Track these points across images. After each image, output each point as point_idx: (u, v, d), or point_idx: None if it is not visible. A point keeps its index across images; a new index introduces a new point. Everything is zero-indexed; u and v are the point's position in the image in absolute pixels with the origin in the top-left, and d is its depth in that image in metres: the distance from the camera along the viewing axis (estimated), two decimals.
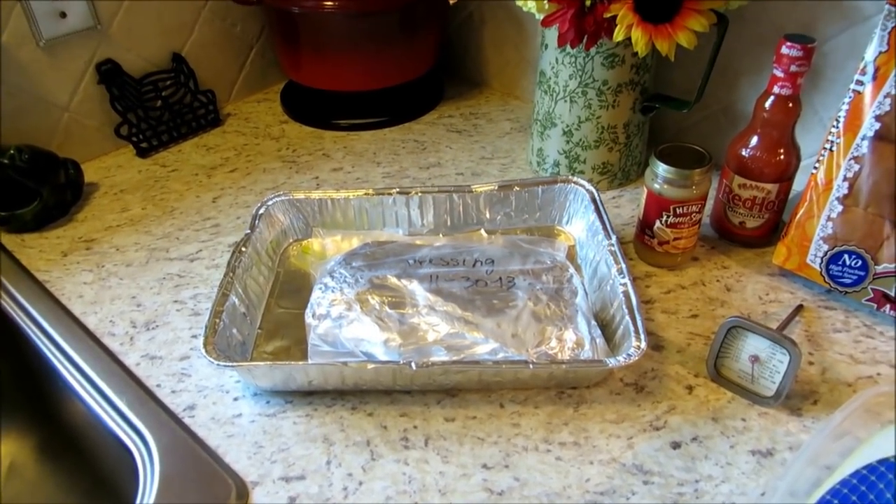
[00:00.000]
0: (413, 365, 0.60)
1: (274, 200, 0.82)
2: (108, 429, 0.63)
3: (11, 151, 0.85)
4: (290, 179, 0.98)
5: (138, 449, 0.61)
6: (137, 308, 0.76)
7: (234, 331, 0.68)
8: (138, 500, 0.57)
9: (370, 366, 0.60)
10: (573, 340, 0.64)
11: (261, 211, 0.80)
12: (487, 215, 0.83)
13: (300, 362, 0.61)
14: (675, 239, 0.76)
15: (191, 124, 1.09)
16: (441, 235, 0.83)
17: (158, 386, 0.67)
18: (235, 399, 0.65)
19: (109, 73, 0.99)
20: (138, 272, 0.82)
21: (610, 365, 0.60)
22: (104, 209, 0.93)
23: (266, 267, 0.78)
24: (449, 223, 0.84)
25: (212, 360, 0.61)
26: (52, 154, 0.90)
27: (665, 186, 0.74)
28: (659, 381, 0.66)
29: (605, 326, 0.68)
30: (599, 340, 0.65)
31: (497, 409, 0.63)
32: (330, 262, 0.75)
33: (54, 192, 0.89)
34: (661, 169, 0.73)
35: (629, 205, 0.90)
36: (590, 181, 0.83)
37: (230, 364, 0.61)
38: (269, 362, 0.63)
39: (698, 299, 0.75)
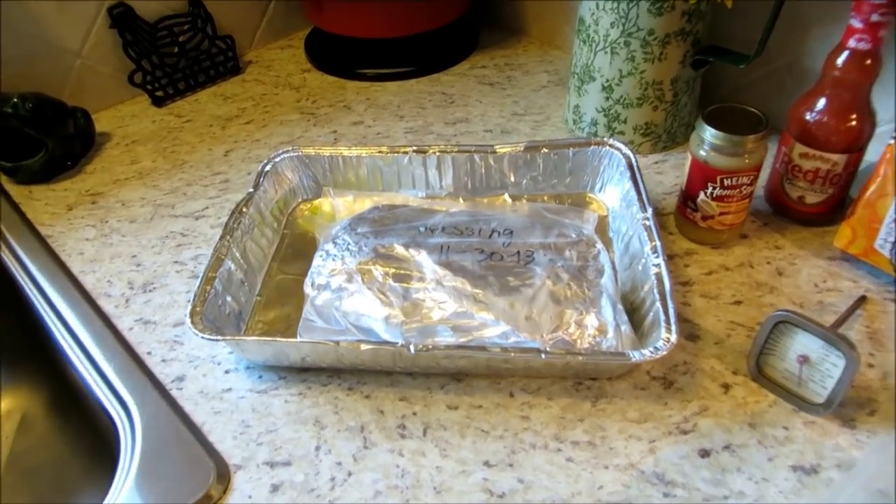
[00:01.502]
0: (411, 348, 0.54)
1: (282, 157, 0.76)
2: (95, 397, 0.60)
3: (15, 100, 0.81)
4: (307, 133, 0.92)
5: (122, 421, 0.57)
6: (136, 268, 0.73)
7: (229, 298, 0.63)
8: (117, 478, 0.54)
9: (364, 347, 0.54)
10: (594, 326, 0.57)
11: (267, 168, 0.75)
12: (512, 179, 0.76)
13: (291, 339, 0.56)
14: (721, 214, 0.68)
15: (209, 72, 1.03)
16: (461, 200, 0.76)
17: (149, 353, 0.63)
18: (227, 372, 0.61)
19: (121, 16, 0.93)
20: (141, 229, 0.78)
21: (633, 359, 0.53)
22: (114, 161, 0.89)
23: (270, 229, 0.73)
24: (469, 186, 0.77)
25: (196, 331, 0.56)
26: (60, 103, 0.86)
27: (712, 154, 0.65)
28: (691, 376, 0.58)
29: (634, 311, 0.61)
30: (625, 328, 0.58)
31: (506, 399, 0.58)
32: (334, 226, 0.69)
33: (62, 143, 0.85)
34: (709, 133, 0.64)
35: (673, 172, 0.81)
36: (629, 144, 0.74)
37: (214, 337, 0.56)
38: (256, 338, 0.58)
39: (744, 283, 0.67)
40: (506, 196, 0.76)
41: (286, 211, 0.77)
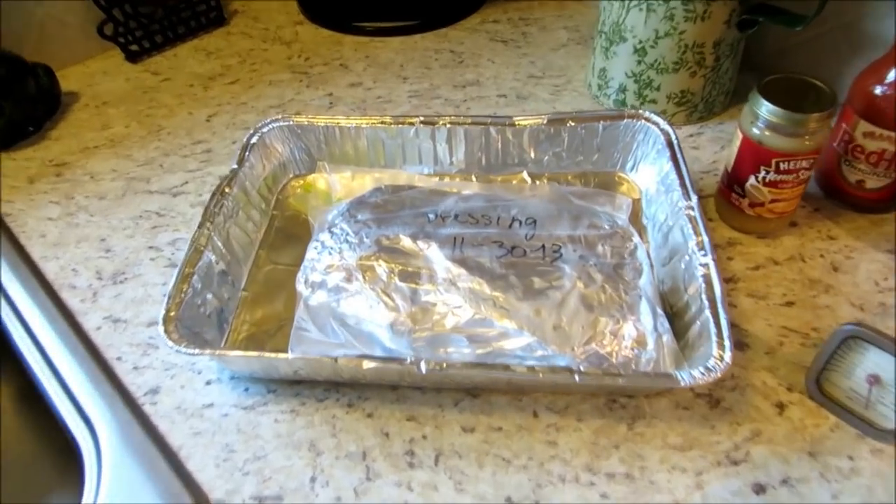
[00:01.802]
0: (422, 366, 0.46)
1: (270, 127, 0.67)
2: (56, 411, 0.53)
3: None
4: (300, 95, 0.82)
5: (86, 443, 0.50)
6: (106, 254, 0.64)
7: (209, 296, 0.55)
8: None
9: (367, 365, 0.47)
10: (632, 337, 0.50)
11: (253, 140, 0.65)
12: (532, 155, 0.67)
13: (281, 355, 0.48)
14: (772, 201, 0.59)
15: (189, 23, 0.92)
16: (473, 178, 0.68)
17: (119, 359, 0.55)
18: (208, 383, 0.53)
19: None
20: (112, 207, 0.69)
21: (682, 383, 0.45)
22: (82, 125, 0.79)
23: (258, 210, 0.64)
24: (484, 162, 0.68)
25: (171, 343, 0.48)
26: (18, 58, 0.76)
27: (768, 133, 0.56)
28: (740, 393, 0.51)
29: (675, 317, 0.53)
30: (667, 338, 0.50)
31: (529, 419, 0.50)
32: (331, 211, 0.60)
33: (21, 105, 0.76)
34: (766, 110, 0.55)
35: (710, 146, 0.72)
36: (664, 115, 0.65)
37: (191, 351, 0.48)
38: (240, 352, 0.50)
39: (795, 280, 0.59)
40: (524, 174, 0.68)
41: (275, 189, 0.68)
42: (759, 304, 0.57)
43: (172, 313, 0.50)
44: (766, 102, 0.55)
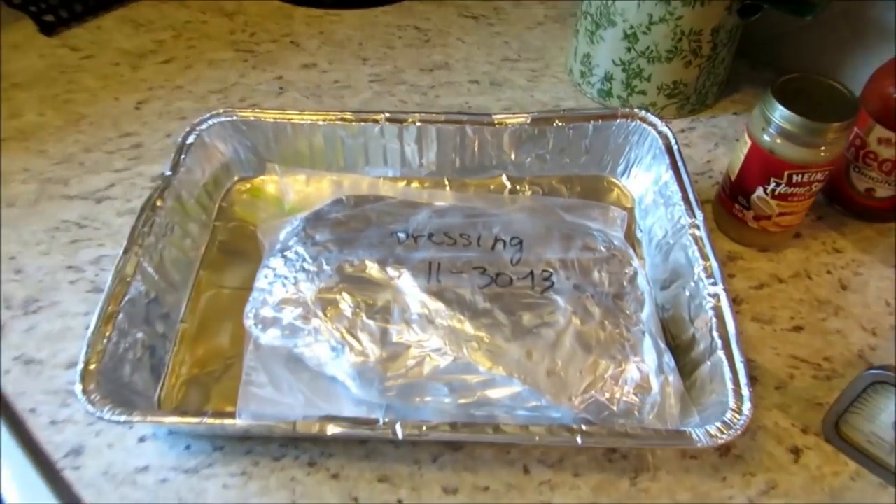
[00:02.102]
0: (398, 430, 0.39)
1: (210, 123, 0.57)
2: None
3: None
4: (244, 79, 0.72)
5: None
6: (15, 276, 0.54)
7: (140, 334, 0.46)
8: None
9: (332, 429, 0.39)
10: (635, 381, 0.44)
11: (190, 140, 0.56)
12: (513, 157, 0.59)
13: (227, 420, 0.40)
14: (780, 214, 0.53)
15: None
16: (446, 181, 0.60)
17: (33, 411, 0.46)
18: (142, 440, 0.45)
19: None
20: (23, 217, 0.58)
21: (698, 443, 0.39)
22: None
23: (197, 223, 0.55)
24: (458, 164, 0.60)
25: (91, 407, 0.40)
26: None
27: (780, 141, 0.50)
28: (752, 437, 0.46)
29: (679, 349, 0.48)
30: (673, 378, 0.44)
31: (519, 477, 0.44)
32: (283, 227, 0.52)
33: None
34: (780, 115, 0.49)
35: (703, 143, 0.66)
36: (651, 107, 0.58)
37: (115, 418, 0.40)
38: (175, 418, 0.42)
39: (803, 301, 0.54)
40: (503, 178, 0.60)
41: (217, 195, 0.59)
42: (766, 329, 0.52)
43: (93, 366, 0.42)
44: (780, 107, 0.48)
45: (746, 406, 0.41)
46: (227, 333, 0.50)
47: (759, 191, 0.53)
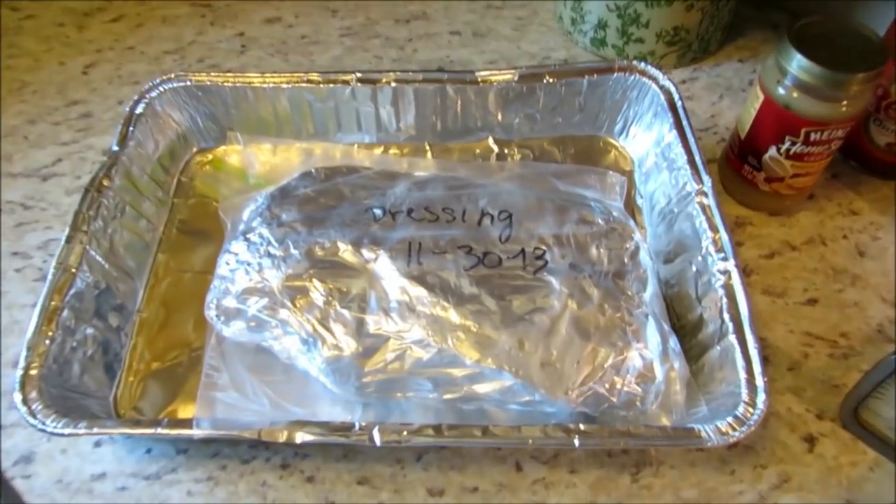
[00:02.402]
0: (375, 437, 0.35)
1: (161, 90, 0.51)
2: None
3: None
4: (202, 36, 0.66)
5: None
6: None
7: (89, 330, 0.42)
8: None
9: (301, 437, 0.35)
10: (637, 370, 0.39)
11: (139, 109, 0.50)
12: (499, 118, 0.54)
13: (183, 431, 0.36)
14: (794, 176, 0.49)
15: None
16: (427, 147, 0.55)
17: None
18: (98, 444, 0.41)
19: None
20: None
21: (709, 442, 0.36)
22: None
23: (152, 201, 0.50)
24: (440, 127, 0.54)
25: (30, 418, 0.36)
26: None
27: (797, 95, 0.44)
28: (762, 424, 0.42)
29: (684, 331, 0.44)
30: (679, 366, 0.40)
31: (511, 475, 0.40)
32: (247, 205, 0.47)
33: None
34: (798, 65, 0.43)
35: (707, 95, 0.61)
36: (660, 65, 0.52)
37: (59, 431, 0.36)
38: (126, 430, 0.38)
39: (817, 270, 0.49)
40: (489, 141, 0.55)
41: (174, 170, 0.53)
42: (777, 303, 0.48)
43: (34, 371, 0.37)
44: (798, 56, 0.43)
45: (761, 398, 0.37)
46: (191, 322, 0.46)
47: (772, 150, 0.48)
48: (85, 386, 0.41)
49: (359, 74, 0.51)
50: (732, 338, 0.39)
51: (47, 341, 0.39)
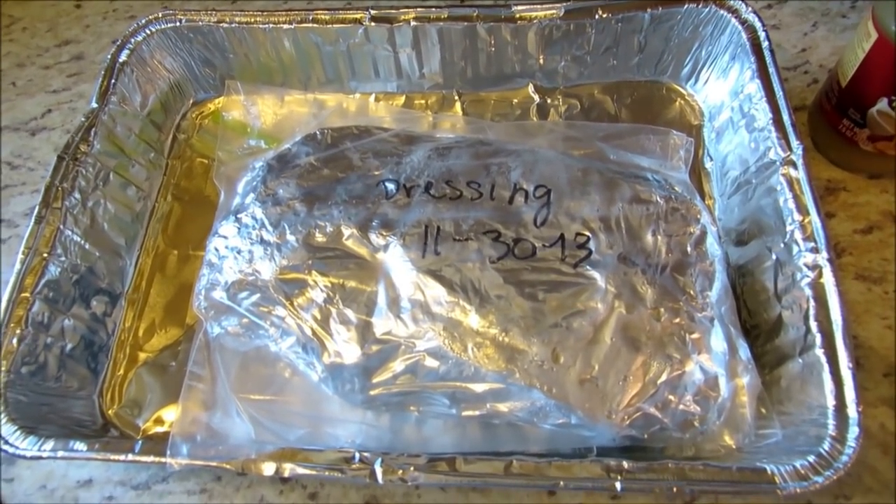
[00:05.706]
0: (377, 473, 0.30)
1: (149, 31, 0.44)
2: None
3: None
4: None
5: None
6: None
7: (67, 322, 0.37)
8: None
9: (292, 471, 0.30)
10: (697, 386, 0.33)
11: (122, 57, 0.43)
12: (541, 61, 0.45)
13: (159, 459, 0.31)
14: None
15: None
16: (455, 97, 0.47)
17: None
18: None
19: None
20: None
21: (784, 489, 0.29)
22: None
23: (143, 164, 0.44)
24: (470, 74, 0.46)
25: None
26: None
27: None
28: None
29: (757, 334, 0.36)
30: (749, 379, 0.33)
31: (542, 500, 0.35)
32: (244, 173, 0.40)
33: None
34: None
35: (797, 23, 0.50)
36: None
37: (24, 453, 0.32)
38: (94, 454, 0.33)
39: None
40: (530, 89, 0.46)
41: (168, 126, 0.47)
42: (873, 291, 0.39)
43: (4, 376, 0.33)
44: None
45: (853, 434, 0.30)
46: (188, 305, 0.40)
47: (882, 103, 0.38)
48: (65, 386, 0.37)
49: (372, 12, 0.43)
50: (819, 352, 0.32)
51: (14, 341, 0.34)
